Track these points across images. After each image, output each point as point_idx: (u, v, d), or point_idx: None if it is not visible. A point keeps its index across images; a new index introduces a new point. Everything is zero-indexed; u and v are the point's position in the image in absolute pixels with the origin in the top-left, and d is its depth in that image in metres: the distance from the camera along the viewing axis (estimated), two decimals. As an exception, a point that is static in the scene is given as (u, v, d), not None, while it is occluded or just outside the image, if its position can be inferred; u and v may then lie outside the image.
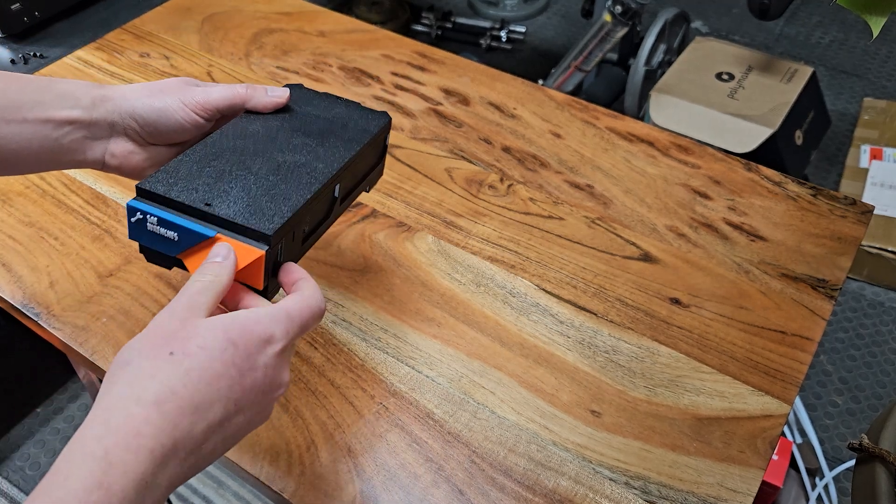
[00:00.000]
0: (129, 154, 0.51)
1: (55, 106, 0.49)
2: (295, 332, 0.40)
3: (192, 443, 0.35)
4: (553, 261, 0.69)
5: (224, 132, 0.51)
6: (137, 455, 0.32)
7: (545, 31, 2.36)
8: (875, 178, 1.69)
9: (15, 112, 0.48)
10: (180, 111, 0.51)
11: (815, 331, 0.63)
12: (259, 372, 0.38)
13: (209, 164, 0.48)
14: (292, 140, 0.52)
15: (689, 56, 1.78)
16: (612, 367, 0.61)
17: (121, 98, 0.51)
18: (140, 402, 0.34)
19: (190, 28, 0.98)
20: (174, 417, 0.34)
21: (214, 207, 0.44)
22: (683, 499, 0.52)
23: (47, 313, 0.64)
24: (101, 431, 0.33)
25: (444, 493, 0.53)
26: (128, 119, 0.50)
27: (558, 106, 0.86)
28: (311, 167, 0.49)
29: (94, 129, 0.50)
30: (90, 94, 0.50)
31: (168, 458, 0.33)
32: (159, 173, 0.46)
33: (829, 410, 1.38)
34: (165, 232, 0.44)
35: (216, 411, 0.36)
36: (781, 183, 0.77)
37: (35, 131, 0.48)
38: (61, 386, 1.43)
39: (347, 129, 0.55)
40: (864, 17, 0.62)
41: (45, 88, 0.49)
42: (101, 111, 0.50)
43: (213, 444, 0.36)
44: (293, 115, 0.55)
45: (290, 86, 0.58)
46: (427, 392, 0.59)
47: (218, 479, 1.25)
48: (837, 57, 2.20)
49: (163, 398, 0.34)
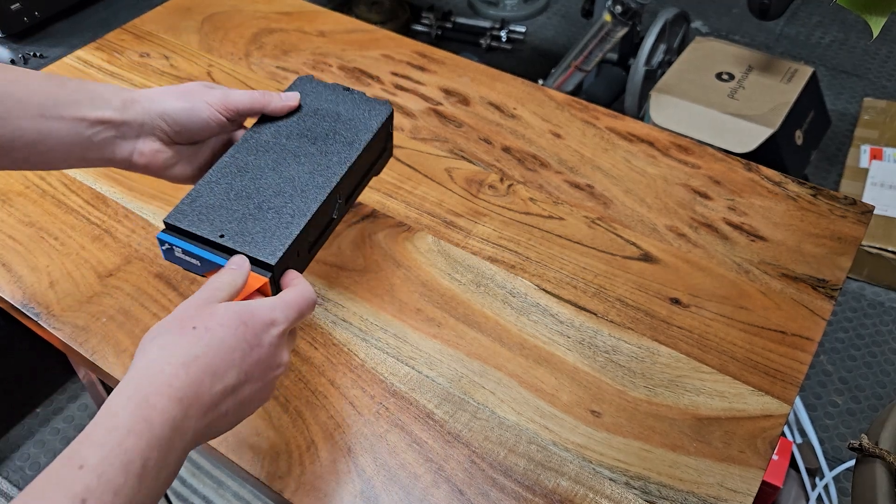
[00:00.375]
0: (156, 153, 0.55)
1: (89, 106, 0.52)
2: (293, 317, 0.47)
3: (210, 400, 0.41)
4: (553, 261, 0.69)
5: (239, 148, 0.57)
6: (170, 400, 0.39)
7: (545, 31, 2.36)
8: (875, 178, 1.69)
9: (53, 109, 0.51)
10: (206, 111, 0.55)
11: (815, 331, 0.63)
12: (265, 349, 0.45)
13: (228, 185, 0.55)
14: (299, 149, 0.58)
15: (689, 56, 1.78)
16: (612, 367, 0.61)
17: (149, 100, 0.54)
18: (170, 363, 0.40)
19: (190, 28, 0.98)
20: (197, 376, 0.41)
21: (227, 239, 0.51)
22: (683, 499, 0.52)
23: (47, 313, 0.64)
24: (140, 383, 0.39)
25: (444, 493, 0.53)
26: (157, 119, 0.54)
27: (558, 106, 0.86)
28: (312, 183, 0.55)
29: (125, 129, 0.54)
30: (120, 96, 0.54)
31: (191, 408, 0.40)
32: (182, 205, 0.53)
33: (829, 410, 1.38)
34: (189, 259, 0.52)
35: (230, 377, 0.42)
36: (781, 183, 0.77)
37: (70, 128, 0.52)
38: (61, 386, 1.43)
39: (349, 127, 0.60)
40: (864, 17, 0.62)
41: (80, 89, 0.53)
42: (131, 112, 0.54)
43: (226, 407, 0.43)
44: (300, 117, 0.60)
45: (300, 78, 0.63)
46: (427, 392, 0.59)
47: (218, 480, 1.25)
48: (837, 57, 2.20)
49: (188, 361, 0.41)
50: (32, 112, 0.51)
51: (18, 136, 0.50)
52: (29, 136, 0.51)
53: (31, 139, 0.51)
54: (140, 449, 0.37)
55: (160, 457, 0.38)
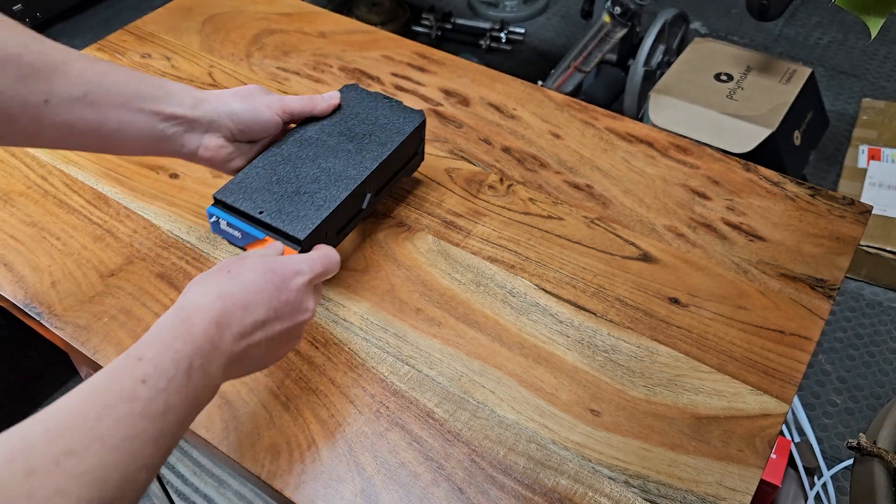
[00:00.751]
0: (219, 148, 0.61)
1: (165, 102, 0.58)
2: (317, 270, 0.54)
3: (242, 329, 0.47)
4: (553, 261, 0.69)
5: (285, 140, 0.66)
6: (209, 322, 0.45)
7: (545, 32, 2.37)
8: (873, 178, 1.69)
9: (134, 102, 0.56)
10: (267, 113, 0.63)
11: (813, 330, 0.64)
12: (291, 293, 0.51)
13: (272, 170, 0.63)
14: (338, 145, 0.66)
15: (688, 57, 1.79)
16: (611, 366, 0.61)
17: (218, 101, 0.60)
18: (207, 296, 0.47)
19: (191, 29, 0.99)
20: (230, 307, 0.47)
21: (265, 215, 0.59)
22: (682, 497, 0.53)
23: (49, 313, 0.64)
24: (183, 308, 0.46)
25: (444, 492, 0.53)
26: (225, 119, 0.60)
27: (558, 106, 0.87)
28: (346, 174, 0.63)
29: (195, 125, 0.59)
30: (192, 95, 0.59)
31: (226, 331, 0.46)
32: (230, 184, 0.61)
33: (828, 409, 1.39)
34: (232, 231, 0.61)
35: (259, 312, 0.48)
36: (780, 183, 0.77)
37: (146, 121, 0.57)
38: (63, 385, 1.43)
39: (385, 130, 0.68)
40: (862, 17, 0.63)
41: (158, 85, 0.58)
42: (201, 111, 0.59)
43: (258, 338, 0.48)
44: (343, 118, 0.69)
45: (346, 86, 0.72)
46: (427, 391, 0.59)
47: (219, 478, 1.25)
48: (836, 57, 2.21)
49: (223, 295, 0.47)
50: (117, 102, 0.55)
51: (104, 124, 0.55)
52: (112, 124, 0.56)
53: (113, 127, 0.56)
54: (186, 352, 0.43)
55: (203, 364, 0.44)
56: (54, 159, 0.79)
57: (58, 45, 0.55)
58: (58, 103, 0.53)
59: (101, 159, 0.79)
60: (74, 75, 0.54)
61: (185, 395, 0.42)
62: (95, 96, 0.54)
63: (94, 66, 0.55)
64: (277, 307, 0.49)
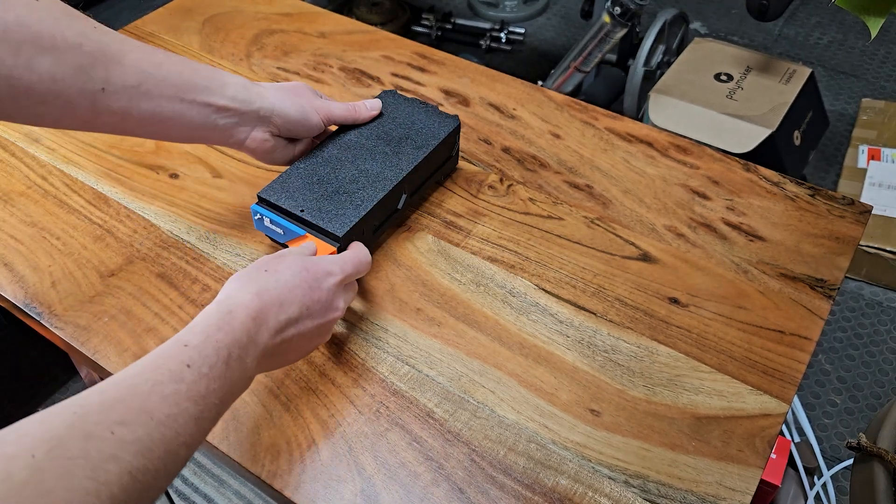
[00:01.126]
0: (264, 141, 0.64)
1: (218, 94, 0.60)
2: (349, 271, 0.57)
3: (277, 324, 0.50)
4: (552, 261, 0.69)
5: (326, 143, 0.69)
6: (247, 316, 0.49)
7: (545, 33, 2.37)
8: (873, 178, 1.69)
9: (188, 93, 0.59)
10: (314, 116, 0.66)
11: (813, 330, 0.64)
12: (322, 292, 0.54)
13: (313, 171, 0.66)
14: (375, 148, 0.69)
15: (687, 57, 1.79)
16: (611, 366, 0.61)
17: (270, 97, 0.63)
18: (246, 292, 0.50)
19: (191, 29, 0.99)
20: (267, 303, 0.50)
21: (306, 213, 0.63)
22: (682, 497, 0.53)
23: (49, 313, 0.65)
24: (225, 303, 0.49)
25: (444, 492, 0.53)
26: (274, 115, 0.63)
27: (557, 107, 0.87)
28: (383, 175, 0.67)
29: (245, 117, 0.62)
30: (246, 88, 0.62)
31: (263, 326, 0.49)
32: (274, 183, 0.65)
33: (828, 409, 1.39)
34: (275, 228, 0.64)
35: (293, 309, 0.52)
36: (780, 183, 0.77)
37: (199, 111, 0.60)
38: (63, 385, 1.43)
39: (421, 134, 0.71)
40: (862, 17, 0.63)
41: (212, 77, 0.60)
42: (255, 105, 0.62)
43: (290, 333, 0.52)
44: (381, 123, 0.72)
45: (384, 92, 0.75)
46: (427, 391, 0.59)
47: (219, 478, 1.25)
48: (836, 57, 2.21)
49: (261, 292, 0.51)
50: (171, 93, 0.58)
51: (158, 112, 0.58)
52: (166, 113, 0.58)
53: (167, 116, 0.58)
54: (226, 342, 0.46)
55: (240, 355, 0.47)
56: (54, 159, 0.79)
57: (116, 35, 0.56)
58: (114, 91, 0.55)
59: (102, 159, 0.80)
60: (130, 65, 0.56)
61: (224, 382, 0.46)
62: (150, 86, 0.56)
63: (150, 56, 0.57)
64: (310, 305, 0.53)
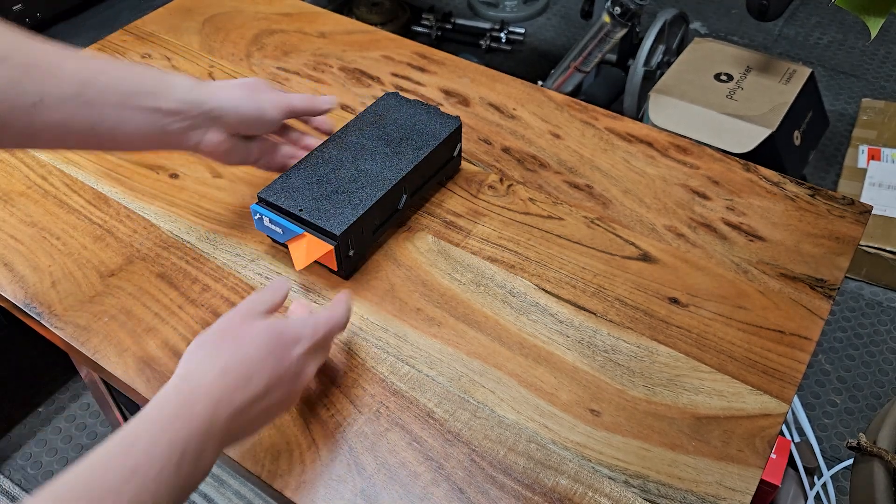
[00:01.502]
0: (220, 143, 0.62)
1: (165, 97, 0.57)
2: (319, 335, 0.53)
3: (241, 404, 0.47)
4: (552, 261, 0.69)
5: (327, 144, 0.70)
6: (209, 400, 0.46)
7: (545, 33, 2.37)
8: (873, 178, 1.69)
9: (133, 99, 0.56)
10: (270, 110, 0.63)
11: (813, 330, 0.64)
12: (292, 362, 0.51)
13: (313, 171, 0.67)
14: (376, 148, 0.69)
15: (687, 57, 1.79)
16: (611, 366, 0.61)
17: (220, 95, 0.60)
18: (211, 371, 0.47)
19: (191, 29, 0.99)
20: (231, 384, 0.47)
21: (304, 212, 0.63)
22: (682, 497, 0.53)
23: (49, 313, 0.65)
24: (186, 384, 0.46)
25: (444, 492, 0.53)
26: (228, 113, 0.61)
27: (557, 107, 0.87)
28: (382, 175, 0.67)
29: (197, 120, 0.59)
30: (194, 89, 0.59)
31: (225, 410, 0.46)
32: (274, 183, 0.65)
33: (828, 409, 1.39)
34: (274, 227, 0.65)
35: (260, 385, 0.48)
36: (780, 183, 0.77)
37: (147, 117, 0.57)
38: (63, 385, 1.43)
39: (422, 134, 0.71)
40: (862, 17, 0.63)
41: (158, 80, 0.58)
42: (205, 106, 0.59)
43: (255, 411, 0.48)
44: (382, 124, 0.72)
45: (387, 94, 0.76)
46: (427, 391, 0.59)
47: (220, 479, 1.25)
48: (836, 57, 2.21)
49: (226, 370, 0.47)
50: (115, 100, 0.55)
51: (100, 122, 0.55)
52: (110, 122, 0.55)
53: (111, 125, 0.55)
54: (182, 436, 0.43)
55: (196, 448, 0.44)
56: (54, 159, 0.79)
57: (52, 45, 0.53)
58: (50, 104, 0.52)
59: (102, 159, 0.80)
60: (68, 75, 0.53)
61: (175, 483, 0.43)
62: (91, 95, 0.54)
63: (89, 64, 0.54)
64: (280, 376, 0.50)
